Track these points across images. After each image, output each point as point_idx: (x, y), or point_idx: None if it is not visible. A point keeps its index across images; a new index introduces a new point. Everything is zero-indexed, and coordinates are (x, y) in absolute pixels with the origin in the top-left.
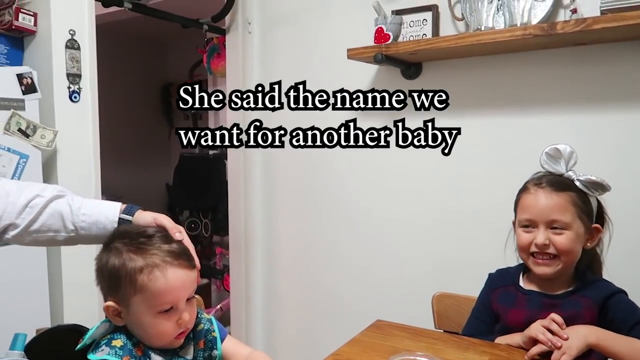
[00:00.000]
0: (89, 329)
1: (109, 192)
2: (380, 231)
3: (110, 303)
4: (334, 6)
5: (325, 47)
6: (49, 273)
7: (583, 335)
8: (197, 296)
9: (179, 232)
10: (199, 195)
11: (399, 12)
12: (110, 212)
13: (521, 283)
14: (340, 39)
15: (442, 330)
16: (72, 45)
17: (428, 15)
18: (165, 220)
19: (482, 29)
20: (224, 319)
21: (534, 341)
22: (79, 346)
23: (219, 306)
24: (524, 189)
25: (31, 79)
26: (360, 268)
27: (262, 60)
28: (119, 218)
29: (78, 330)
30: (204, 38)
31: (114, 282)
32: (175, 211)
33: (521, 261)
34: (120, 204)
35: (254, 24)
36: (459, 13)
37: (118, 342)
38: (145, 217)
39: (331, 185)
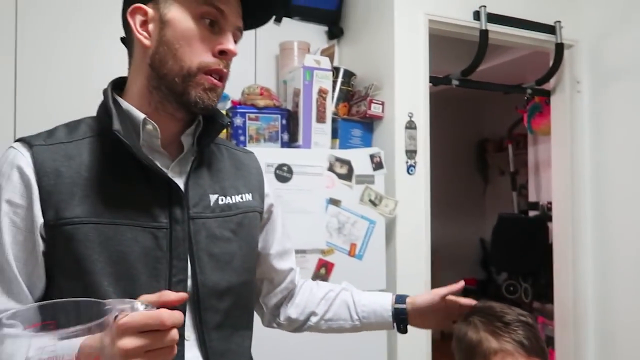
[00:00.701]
0: None
1: None
2: None
3: None
4: None
5: None
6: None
7: None
8: None
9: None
10: (518, 258)
11: None
12: (384, 302)
13: None
14: None
15: None
16: (410, 125)
17: None
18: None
19: None
20: None
21: None
22: None
23: None
24: None
25: (380, 157)
26: None
27: (595, 121)
28: (394, 308)
29: None
30: (523, 97)
31: (469, 354)
32: (490, 270)
33: None
34: (390, 294)
35: (583, 82)
36: None
37: None
38: (421, 317)
39: None
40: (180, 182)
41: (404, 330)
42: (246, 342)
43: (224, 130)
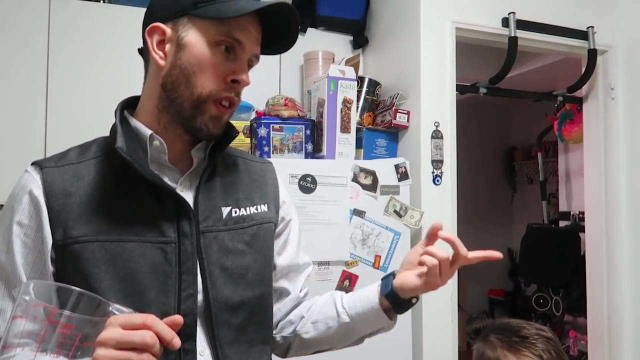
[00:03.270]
0: None
1: None
2: None
3: None
4: None
5: None
6: (413, 331)
7: None
8: None
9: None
10: (548, 270)
11: None
12: (370, 287)
13: None
14: None
15: None
16: (437, 135)
17: None
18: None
19: None
20: None
21: None
22: None
23: None
24: None
25: (405, 167)
26: None
27: (629, 127)
28: (381, 283)
29: None
30: (553, 104)
31: None
32: (518, 281)
33: None
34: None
35: (617, 89)
36: None
37: None
38: (405, 279)
39: None
40: (189, 196)
41: (397, 309)
42: (264, 357)
43: (248, 141)
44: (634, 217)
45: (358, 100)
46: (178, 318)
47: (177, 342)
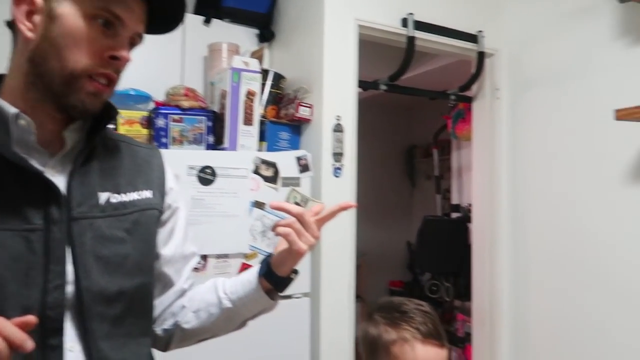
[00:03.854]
0: None
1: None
2: None
3: None
4: (595, 63)
5: (586, 109)
6: (311, 326)
7: None
8: None
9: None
10: (440, 259)
11: None
12: (250, 270)
13: None
14: (604, 98)
15: None
16: (338, 128)
17: None
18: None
19: None
20: None
21: None
22: None
23: None
24: None
25: (306, 160)
26: (633, 356)
27: (512, 126)
28: (261, 276)
29: None
30: (448, 104)
31: (372, 349)
32: (415, 271)
33: None
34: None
35: (502, 90)
36: None
37: None
38: (276, 256)
39: (592, 256)
40: (61, 180)
41: (278, 287)
42: (144, 350)
43: (145, 132)
44: (515, 209)
45: (262, 93)
46: (31, 318)
47: (29, 345)
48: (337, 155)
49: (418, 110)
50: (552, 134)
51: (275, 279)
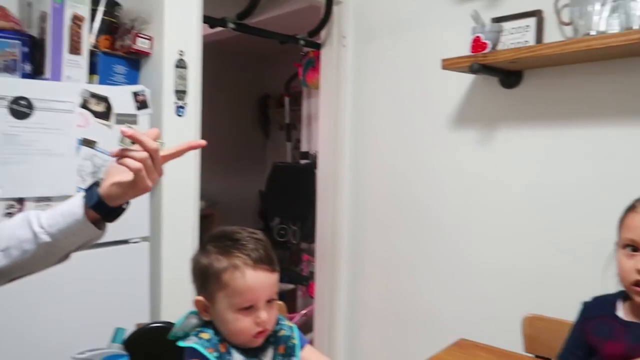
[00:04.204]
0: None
1: (206, 198)
2: (472, 244)
3: (200, 298)
4: (429, 16)
5: (420, 58)
6: (151, 272)
7: None
8: (280, 302)
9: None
10: (289, 203)
11: (498, 20)
12: (72, 200)
13: (620, 313)
14: (435, 49)
15: (532, 355)
16: (181, 64)
17: (531, 21)
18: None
19: (592, 33)
20: (308, 325)
21: None
22: (170, 335)
23: (304, 312)
24: (631, 208)
25: (144, 96)
26: (448, 282)
27: (357, 73)
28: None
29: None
30: (300, 52)
31: (204, 279)
32: (266, 217)
33: (620, 287)
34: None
35: (348, 38)
36: (566, 17)
37: (206, 335)
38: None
39: (422, 197)
40: None
41: (107, 218)
42: None
43: None
44: (356, 155)
45: (93, 20)
46: None
47: None
48: (180, 93)
49: (271, 59)
50: (391, 82)
51: (106, 210)
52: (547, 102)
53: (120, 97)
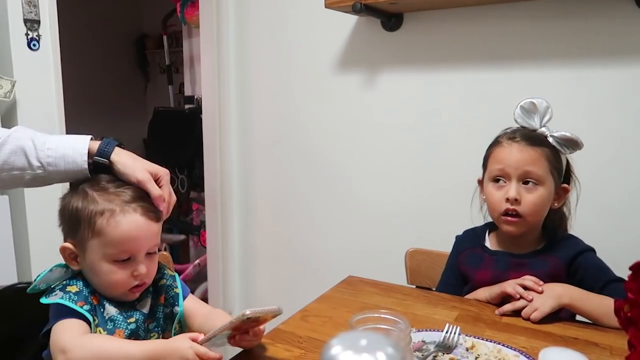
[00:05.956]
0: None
1: None
2: (355, 186)
3: (67, 245)
4: None
5: None
6: (14, 228)
7: (557, 294)
8: (165, 253)
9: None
10: (174, 151)
11: None
12: (78, 145)
13: (487, 243)
14: None
15: (414, 286)
16: None
17: None
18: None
19: None
20: (202, 275)
21: (502, 298)
22: (29, 289)
23: (196, 262)
24: (496, 143)
25: None
26: (337, 223)
27: (238, 11)
28: (94, 161)
29: None
30: None
31: (73, 223)
32: None
33: (487, 220)
34: (89, 137)
35: None
36: None
37: (73, 288)
38: (125, 162)
39: (305, 140)
40: None
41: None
42: None
43: None
44: (242, 98)
45: None
46: None
47: None
48: (31, 23)
49: None
50: (275, 21)
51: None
52: (425, 46)
53: None
